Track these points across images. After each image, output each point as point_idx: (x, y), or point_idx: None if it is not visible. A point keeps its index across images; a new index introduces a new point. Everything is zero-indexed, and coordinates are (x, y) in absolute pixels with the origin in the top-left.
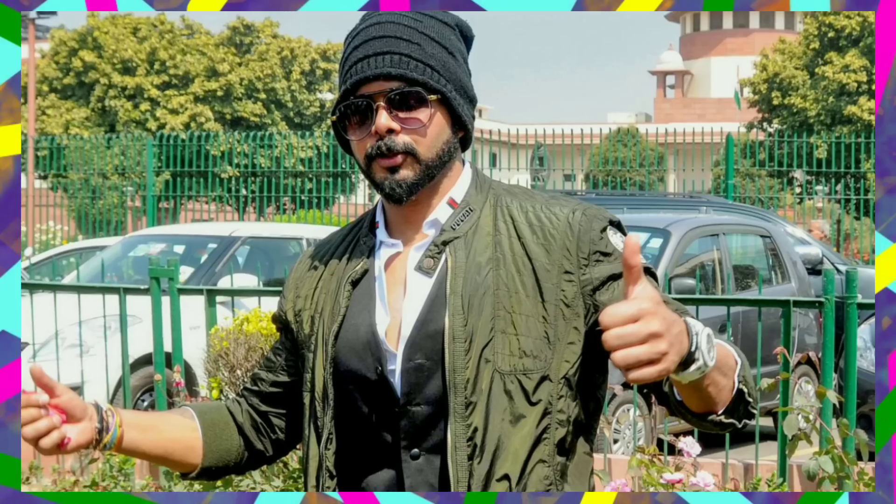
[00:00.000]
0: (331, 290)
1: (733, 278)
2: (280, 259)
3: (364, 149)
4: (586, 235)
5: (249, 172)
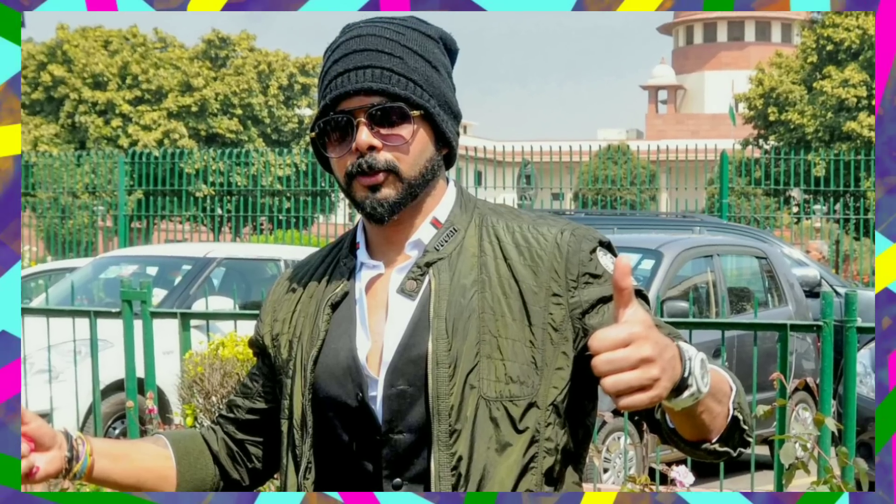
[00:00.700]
0: (310, 314)
1: (728, 301)
2: (257, 281)
3: (344, 166)
4: (575, 257)
5: (225, 191)
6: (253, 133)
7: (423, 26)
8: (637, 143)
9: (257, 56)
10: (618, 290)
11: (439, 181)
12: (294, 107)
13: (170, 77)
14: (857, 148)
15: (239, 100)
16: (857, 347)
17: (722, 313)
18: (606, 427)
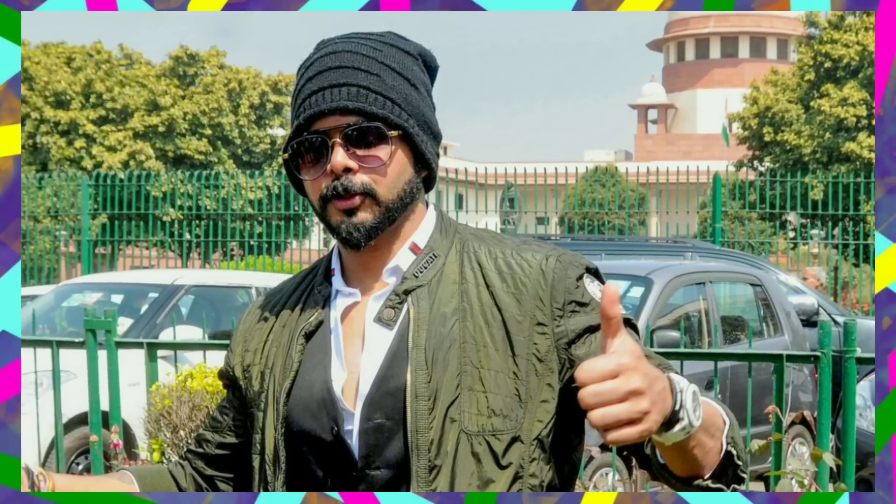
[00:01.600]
0: (282, 344)
1: (721, 330)
2: (227, 309)
3: (318, 189)
4: (561, 284)
5: (194, 215)
6: (223, 154)
7: (401, 42)
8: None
9: (227, 73)
10: (605, 318)
11: (418, 205)
12: (266, 127)
13: (136, 95)
14: (857, 170)
15: (208, 119)
16: (857, 379)
17: (715, 343)
18: (594, 462)
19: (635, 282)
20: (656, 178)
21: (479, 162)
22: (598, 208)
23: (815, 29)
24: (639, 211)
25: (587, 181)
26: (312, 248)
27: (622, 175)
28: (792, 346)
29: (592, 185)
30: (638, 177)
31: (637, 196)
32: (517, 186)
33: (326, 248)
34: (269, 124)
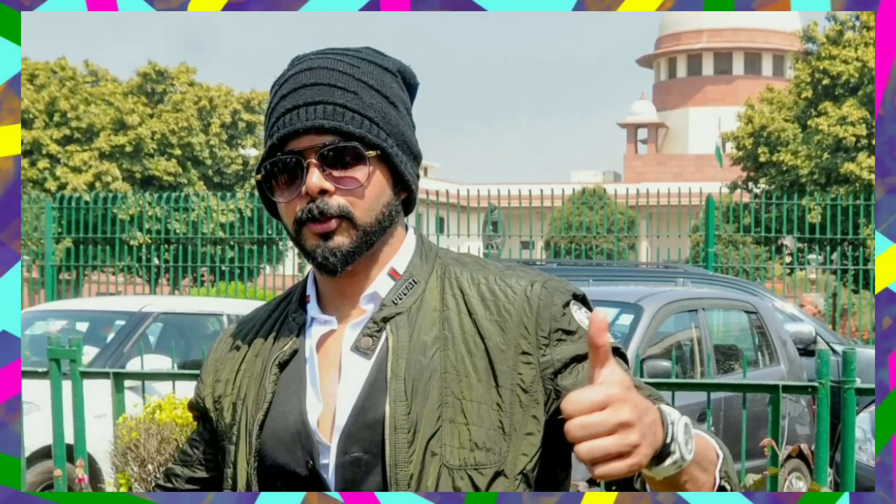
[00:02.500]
0: (255, 374)
1: (714, 360)
2: (197, 338)
3: (293, 212)
4: (546, 311)
5: (162, 239)
6: (193, 175)
7: (379, 58)
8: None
9: (198, 91)
10: (593, 347)
11: (397, 228)
12: (238, 147)
13: (102, 114)
14: (856, 192)
15: (178, 139)
16: (856, 411)
17: (708, 373)
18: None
19: (624, 309)
20: (646, 200)
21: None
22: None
23: (813, 44)
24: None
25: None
26: (286, 273)
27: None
28: (788, 377)
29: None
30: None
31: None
32: (501, 209)
33: (301, 274)
34: (242, 144)
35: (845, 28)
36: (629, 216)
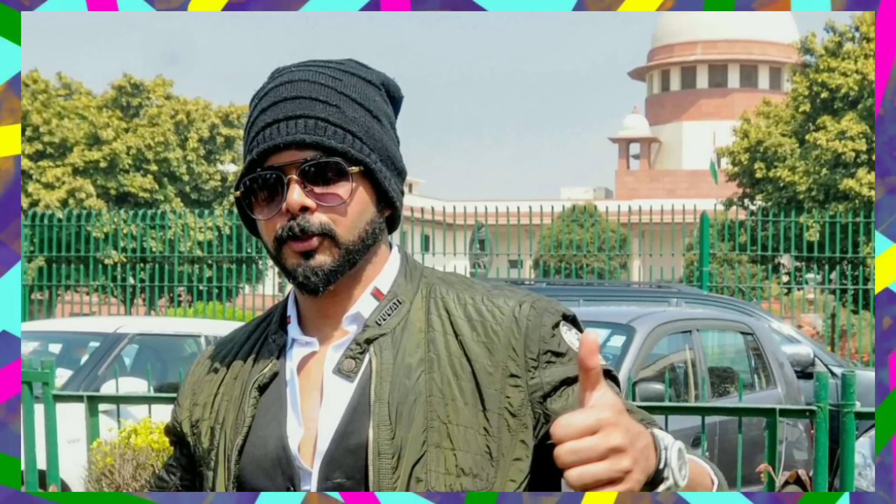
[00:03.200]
0: (234, 397)
1: (709, 382)
2: (174, 360)
3: (273, 230)
4: (535, 332)
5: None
6: (170, 192)
7: (362, 70)
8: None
9: (174, 104)
10: (584, 370)
11: (381, 246)
12: (216, 162)
13: (75, 128)
14: (856, 209)
15: (154, 154)
16: (856, 435)
17: (702, 396)
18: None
19: (616, 330)
20: (639, 217)
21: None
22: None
23: (811, 56)
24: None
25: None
26: (266, 293)
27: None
28: (785, 400)
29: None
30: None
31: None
32: (488, 227)
33: (281, 294)
34: (220, 159)
35: (844, 39)
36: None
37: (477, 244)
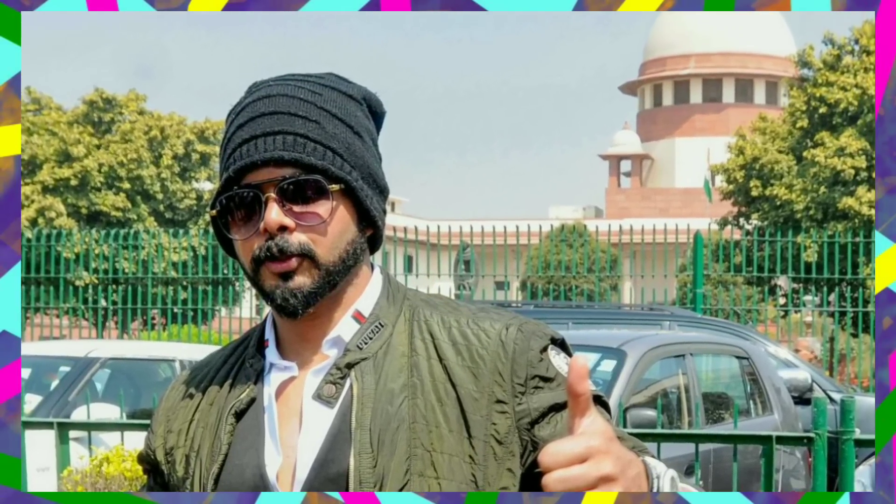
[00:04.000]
0: (210, 424)
1: (703, 409)
2: (147, 385)
3: (250, 250)
4: (523, 357)
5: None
6: (143, 211)
7: (343, 85)
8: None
9: (148, 120)
10: (573, 395)
11: (362, 267)
12: (191, 180)
13: (45, 145)
14: (856, 228)
15: (126, 171)
16: (856, 463)
17: (696, 423)
18: None
19: (606, 354)
20: (630, 237)
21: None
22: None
23: (809, 70)
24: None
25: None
26: (243, 316)
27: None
28: (782, 427)
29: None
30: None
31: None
32: (473, 247)
33: (259, 317)
34: (195, 177)
35: (843, 52)
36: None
37: (462, 265)
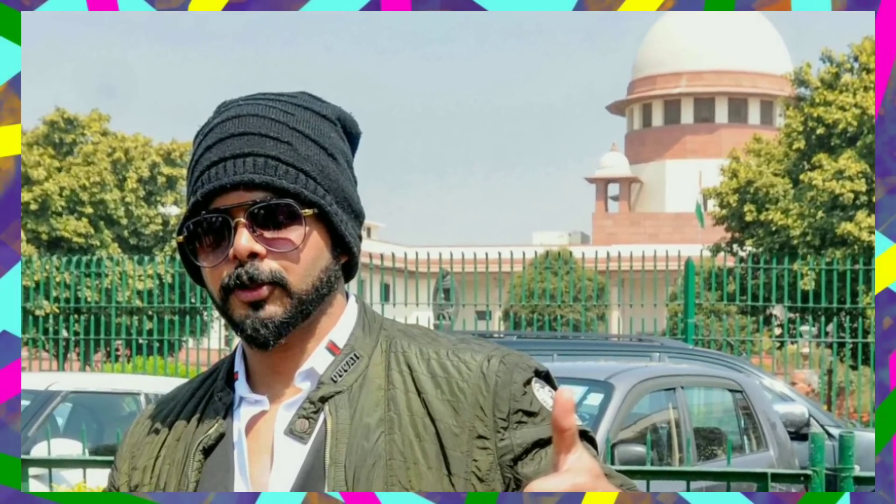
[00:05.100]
0: (176, 461)
1: (694, 444)
2: (111, 420)
3: (219, 278)
4: (505, 390)
5: (72, 308)
6: (106, 236)
7: (316, 104)
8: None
9: (112, 141)
10: (558, 430)
11: (337, 296)
12: (157, 204)
13: None
14: (855, 255)
15: (89, 195)
16: None
17: (687, 459)
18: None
19: (593, 387)
20: (618, 264)
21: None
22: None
23: (806, 89)
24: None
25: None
26: (212, 347)
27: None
28: (778, 464)
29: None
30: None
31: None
32: (453, 275)
33: (228, 348)
34: (161, 201)
35: (842, 70)
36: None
37: (441, 294)
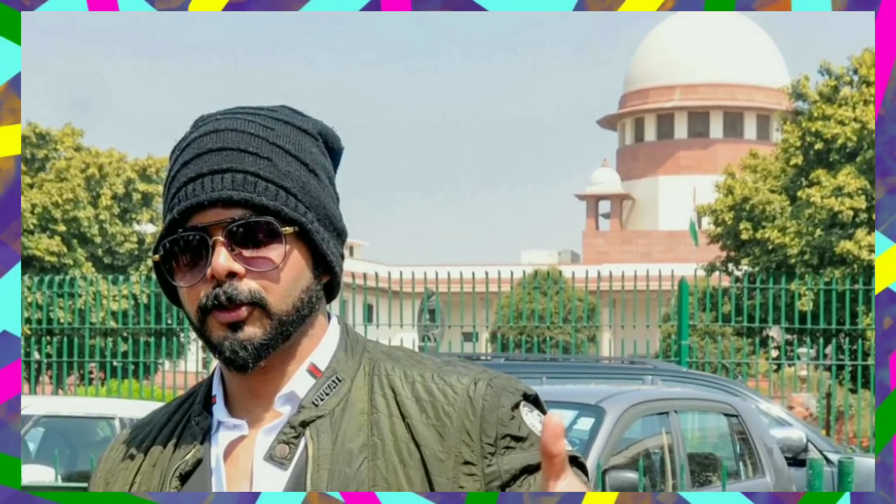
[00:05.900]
0: (152, 487)
1: (688, 470)
2: (84, 445)
3: (197, 298)
4: (492, 414)
5: (44, 330)
6: (80, 255)
7: (297, 119)
8: (572, 268)
9: (85, 157)
10: (547, 456)
11: (318, 317)
12: (132, 222)
13: None
14: (854, 275)
15: (62, 213)
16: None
17: (681, 486)
18: None
19: (584, 411)
20: (609, 284)
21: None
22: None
23: (804, 102)
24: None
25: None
26: (189, 370)
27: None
28: (775, 490)
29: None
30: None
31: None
32: (439, 295)
33: (206, 371)
34: (136, 219)
35: (841, 84)
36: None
37: (426, 315)
